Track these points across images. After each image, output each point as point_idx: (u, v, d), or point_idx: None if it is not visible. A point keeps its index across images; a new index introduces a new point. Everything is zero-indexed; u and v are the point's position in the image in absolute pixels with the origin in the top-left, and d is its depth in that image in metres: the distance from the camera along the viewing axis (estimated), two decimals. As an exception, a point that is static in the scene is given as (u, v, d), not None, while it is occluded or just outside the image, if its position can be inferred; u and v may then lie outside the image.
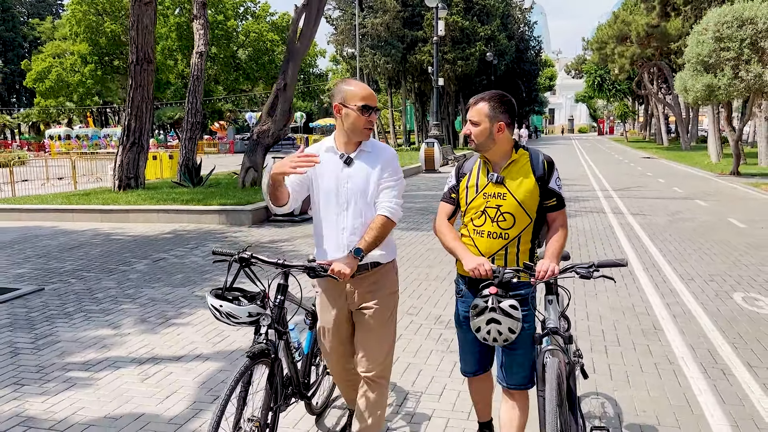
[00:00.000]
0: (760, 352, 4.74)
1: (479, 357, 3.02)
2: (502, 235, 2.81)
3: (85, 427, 3.66)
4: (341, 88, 2.90)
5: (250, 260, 2.86)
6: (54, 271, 7.70)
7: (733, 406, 3.86)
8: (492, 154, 2.85)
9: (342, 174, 2.91)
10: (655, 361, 4.61)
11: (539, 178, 2.83)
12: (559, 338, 2.76)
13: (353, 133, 2.89)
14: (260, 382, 2.82)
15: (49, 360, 4.72)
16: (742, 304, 5.98)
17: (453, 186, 3.00)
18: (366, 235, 2.83)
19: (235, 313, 2.75)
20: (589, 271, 2.70)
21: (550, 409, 2.50)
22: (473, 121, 2.81)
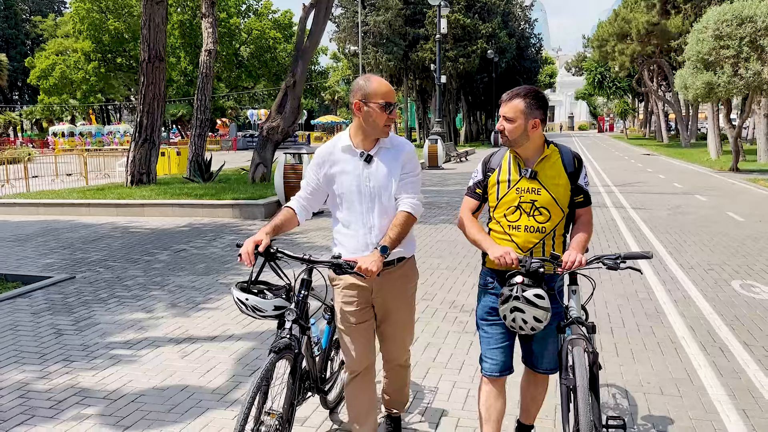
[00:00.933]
0: (756, 333, 5.07)
1: (507, 352, 2.93)
2: (540, 229, 2.81)
3: (136, 396, 4.00)
4: (361, 84, 2.86)
5: (276, 254, 2.85)
6: (81, 261, 8.03)
7: (730, 379, 4.20)
8: (524, 149, 2.83)
9: (363, 173, 2.89)
10: (657, 340, 4.94)
11: (570, 174, 2.84)
12: (583, 327, 2.78)
13: (374, 130, 2.87)
14: (282, 376, 2.87)
15: (92, 340, 5.06)
16: (740, 291, 6.32)
17: (479, 181, 2.97)
18: (390, 232, 2.81)
19: (261, 306, 2.77)
20: (616, 263, 2.71)
21: (583, 397, 2.49)
22: (508, 117, 2.78)
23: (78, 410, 3.81)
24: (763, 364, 4.43)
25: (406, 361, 3.22)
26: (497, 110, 18.93)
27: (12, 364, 4.56)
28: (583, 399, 2.49)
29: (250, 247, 2.75)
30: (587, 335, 2.76)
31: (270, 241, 2.82)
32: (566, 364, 2.74)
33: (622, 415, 3.62)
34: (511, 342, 2.94)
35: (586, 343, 2.70)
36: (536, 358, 2.96)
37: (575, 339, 2.71)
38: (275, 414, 2.72)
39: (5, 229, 10.75)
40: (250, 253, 2.73)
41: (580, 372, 2.57)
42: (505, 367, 2.94)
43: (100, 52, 49.39)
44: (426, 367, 4.46)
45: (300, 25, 15.65)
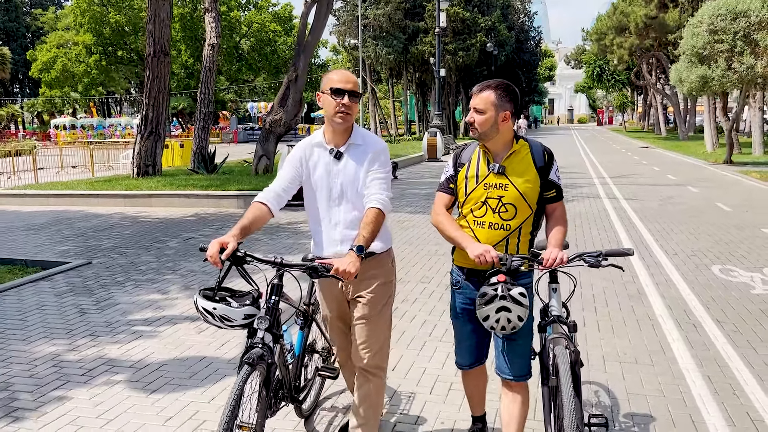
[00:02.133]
0: (729, 312, 5.48)
1: (476, 349, 2.98)
2: (504, 226, 2.77)
3: (159, 366, 4.40)
4: (323, 77, 2.90)
5: (245, 259, 2.69)
6: (95, 248, 8.42)
7: (700, 350, 4.60)
8: (494, 143, 2.80)
9: (333, 170, 2.88)
10: (637, 318, 5.35)
11: (540, 169, 2.79)
12: (564, 326, 2.76)
13: (328, 119, 2.84)
14: (252, 387, 2.72)
15: (113, 317, 5.46)
16: (718, 274, 6.73)
17: (451, 176, 2.92)
18: (363, 231, 2.73)
19: (231, 315, 2.60)
20: (598, 260, 2.69)
21: (567, 398, 2.46)
22: (478, 109, 2.74)
23: (108, 377, 4.22)
24: (731, 338, 4.84)
25: (373, 367, 2.95)
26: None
27: (42, 338, 4.97)
28: (567, 399, 2.46)
29: (215, 249, 2.59)
30: (569, 334, 2.74)
31: (237, 245, 2.64)
32: (548, 363, 2.73)
33: (604, 413, 3.64)
34: (480, 339, 2.96)
35: (567, 342, 2.67)
36: (507, 362, 2.88)
37: (557, 338, 2.69)
38: (248, 427, 2.62)
39: (19, 218, 11.14)
40: (216, 256, 2.57)
41: (563, 371, 2.53)
42: (475, 359, 3.01)
43: (101, 45, 49.63)
44: (422, 340, 4.86)
45: (302, 20, 15.99)
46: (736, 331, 4.98)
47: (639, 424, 3.52)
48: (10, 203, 13.11)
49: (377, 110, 47.60)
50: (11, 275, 6.99)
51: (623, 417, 3.60)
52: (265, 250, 7.99)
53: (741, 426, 3.48)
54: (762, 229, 9.29)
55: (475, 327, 2.87)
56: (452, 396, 3.86)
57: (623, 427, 3.49)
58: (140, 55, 52.40)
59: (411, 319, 5.34)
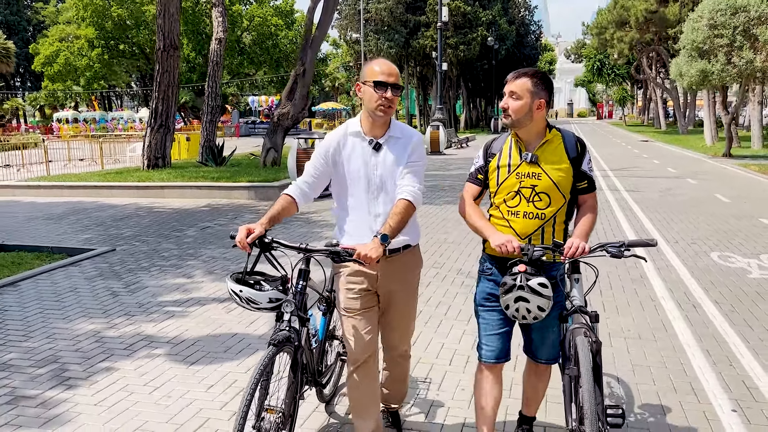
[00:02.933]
0: (727, 293, 5.80)
1: (504, 338, 2.90)
2: (539, 216, 2.76)
3: (194, 341, 4.71)
4: (364, 66, 2.86)
5: (271, 244, 2.77)
6: (116, 236, 8.73)
7: (699, 327, 4.92)
8: (526, 132, 2.78)
9: (371, 161, 2.86)
10: (639, 299, 5.66)
11: (572, 160, 2.78)
12: (586, 316, 2.74)
13: (370, 111, 2.82)
14: (282, 370, 2.81)
15: (145, 299, 5.77)
16: (717, 260, 7.04)
17: (481, 166, 2.93)
18: (390, 220, 2.74)
19: (256, 298, 2.67)
20: (620, 250, 2.67)
21: (587, 387, 2.46)
22: (514, 93, 2.72)
23: (148, 351, 4.53)
24: (728, 317, 5.15)
25: (406, 351, 3.20)
26: (497, 96, 19.80)
27: (81, 317, 5.28)
28: (587, 389, 2.46)
29: (243, 234, 2.68)
30: (590, 324, 2.73)
31: (264, 231, 2.74)
32: (569, 353, 2.72)
33: (618, 403, 3.65)
34: (510, 329, 2.90)
35: (588, 332, 2.67)
36: (536, 347, 2.94)
37: (578, 328, 2.69)
38: (275, 410, 2.69)
39: (36, 208, 11.44)
40: (243, 242, 2.67)
41: (583, 362, 2.53)
42: (502, 353, 2.90)
43: (103, 38, 49.79)
44: (438, 319, 5.18)
45: (308, 15, 16.24)
46: (733, 311, 5.30)
47: (644, 392, 3.83)
48: (25, 194, 13.40)
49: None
50: (39, 261, 7.29)
51: (629, 385, 3.92)
52: (281, 238, 8.30)
53: (737, 393, 3.80)
54: (760, 219, 9.60)
55: (505, 315, 2.82)
56: (470, 367, 4.17)
57: (629, 394, 3.80)
58: (142, 49, 52.55)
59: (426, 301, 5.65)
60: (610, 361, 4.26)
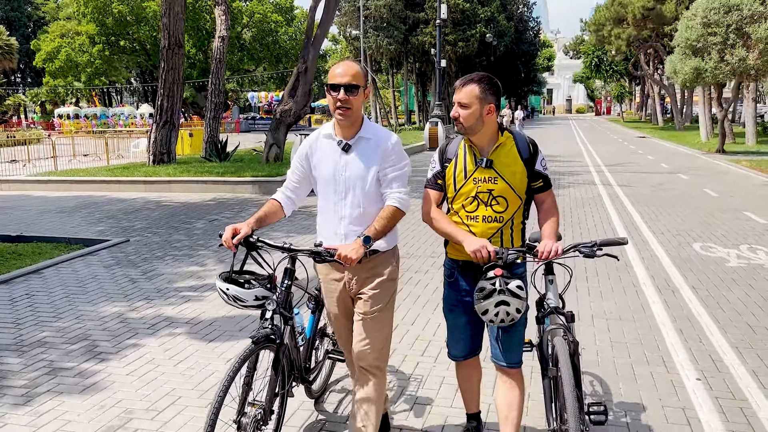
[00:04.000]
0: (704, 280, 6.22)
1: (470, 340, 2.99)
2: (497, 219, 2.81)
3: (211, 322, 5.13)
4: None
5: (257, 244, 2.84)
6: (128, 228, 9.14)
7: (675, 310, 5.34)
8: (479, 137, 2.82)
9: (340, 161, 2.86)
10: (623, 285, 6.08)
11: (526, 161, 2.82)
12: (562, 317, 2.77)
13: (333, 114, 2.83)
14: (266, 366, 2.87)
15: (162, 285, 6.19)
16: (699, 251, 7.47)
17: (438, 172, 2.94)
18: (375, 223, 2.77)
19: (242, 296, 2.75)
20: (593, 250, 2.72)
21: (569, 389, 2.48)
22: (462, 103, 2.76)
23: (169, 330, 4.95)
24: (703, 300, 5.58)
25: (373, 367, 2.91)
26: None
27: (104, 301, 5.70)
28: (568, 390, 2.49)
29: (228, 234, 2.75)
30: (566, 324, 2.76)
31: (251, 231, 2.80)
32: (547, 354, 2.75)
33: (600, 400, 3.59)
34: (474, 332, 2.98)
35: (565, 333, 2.70)
36: (502, 350, 2.92)
37: (555, 329, 2.72)
38: (257, 404, 2.76)
39: (48, 202, 11.84)
40: (228, 242, 2.74)
41: (563, 362, 2.56)
42: (470, 350, 3.01)
43: (104, 35, 50.08)
44: (436, 303, 5.60)
45: (310, 13, 16.62)
46: (708, 296, 5.72)
47: (620, 365, 4.25)
48: (35, 188, 13.80)
49: (378, 100, 48.18)
50: (58, 251, 7.70)
51: (607, 359, 4.34)
52: (287, 230, 8.72)
53: (703, 365, 4.22)
54: (744, 212, 10.03)
55: (470, 318, 2.89)
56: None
57: (607, 366, 4.23)
58: (143, 45, 52.84)
59: (425, 286, 6.07)
60: (592, 339, 4.69)
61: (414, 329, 4.95)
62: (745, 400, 3.70)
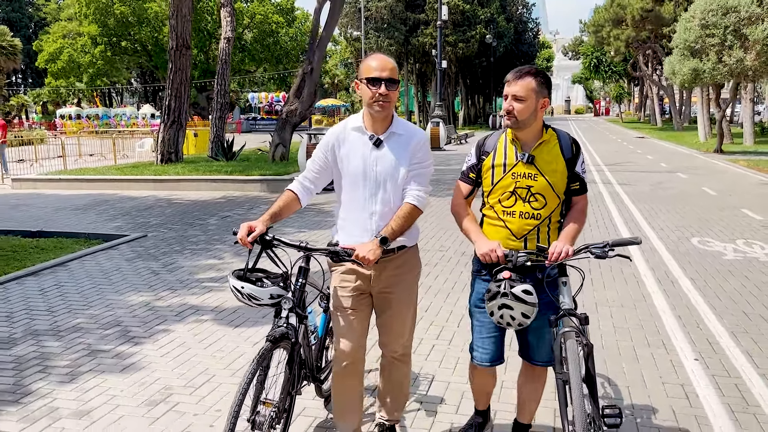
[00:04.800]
0: (701, 272, 6.51)
1: (498, 342, 2.93)
2: (535, 216, 2.76)
3: (234, 309, 5.41)
4: (361, 63, 2.84)
5: (273, 242, 2.81)
6: (144, 224, 9.41)
7: (674, 299, 5.63)
8: (527, 132, 2.76)
9: (371, 156, 2.82)
10: (624, 277, 6.37)
11: (568, 161, 2.77)
12: (576, 319, 2.72)
13: (367, 108, 2.81)
14: (279, 365, 2.86)
15: (183, 277, 6.46)
16: (697, 245, 7.76)
17: (473, 165, 2.90)
18: (392, 223, 2.76)
19: (257, 294, 2.74)
20: (604, 251, 2.66)
21: (578, 394, 2.48)
22: (519, 96, 2.67)
23: (196, 317, 5.23)
24: (701, 290, 5.87)
25: (403, 355, 3.06)
26: (495, 93, 20.35)
27: (130, 291, 5.97)
28: (577, 392, 2.48)
29: (244, 232, 2.74)
30: (580, 327, 2.71)
31: (266, 229, 2.78)
32: (560, 357, 2.72)
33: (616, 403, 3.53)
34: (504, 332, 2.93)
35: (579, 336, 2.66)
36: (533, 349, 2.92)
37: (568, 332, 2.67)
38: (271, 403, 2.75)
39: (61, 200, 12.11)
40: (244, 240, 2.74)
41: (573, 365, 2.55)
42: (496, 356, 2.94)
43: (106, 35, 50.36)
44: (446, 292, 5.88)
45: (315, 16, 16.91)
46: (705, 286, 6.02)
47: (623, 347, 4.53)
48: (46, 187, 14.06)
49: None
50: (78, 246, 7.98)
51: (611, 343, 4.62)
52: (298, 225, 9.00)
53: (701, 347, 4.51)
54: (741, 210, 10.32)
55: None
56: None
57: (611, 348, 4.51)
58: (144, 46, 53.09)
59: (435, 277, 6.37)
60: (594, 325, 4.97)
61: (426, 316, 5.22)
62: (740, 378, 3.99)
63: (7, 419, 3.52)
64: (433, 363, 4.29)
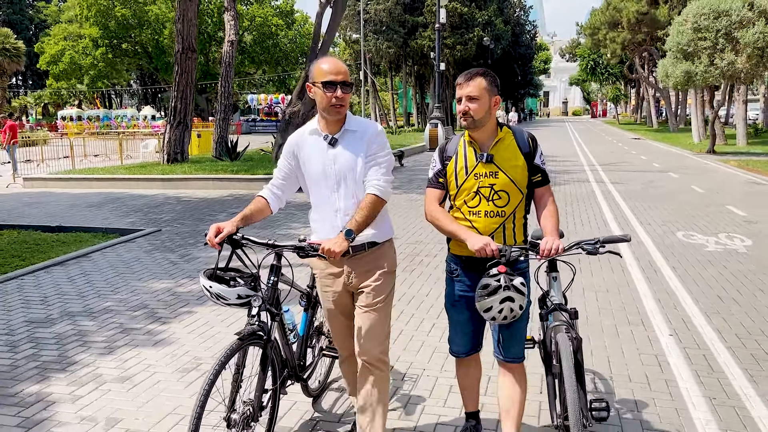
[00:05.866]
0: (683, 261, 6.99)
1: (472, 336, 3.01)
2: (499, 213, 2.83)
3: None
4: (312, 66, 2.87)
5: (242, 241, 2.86)
6: (157, 220, 9.87)
7: (655, 285, 6.11)
8: (482, 132, 2.86)
9: (328, 155, 2.87)
10: (611, 266, 6.84)
11: (526, 155, 2.86)
12: (565, 314, 2.80)
13: (323, 111, 2.84)
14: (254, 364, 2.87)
15: (200, 266, 6.91)
16: (681, 238, 8.24)
17: (439, 170, 2.97)
18: (356, 215, 2.78)
19: (225, 294, 2.77)
20: (596, 248, 2.73)
21: (570, 385, 2.53)
22: (473, 96, 2.78)
23: (216, 301, 5.68)
24: (681, 277, 6.35)
25: (377, 362, 2.93)
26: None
27: (152, 279, 6.43)
28: (570, 386, 2.54)
29: (213, 232, 2.81)
30: (570, 321, 2.80)
31: (236, 230, 2.84)
32: (551, 351, 2.79)
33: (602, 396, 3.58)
34: (477, 327, 3.00)
35: (569, 330, 2.74)
36: (504, 344, 2.96)
37: (558, 326, 2.76)
38: (248, 402, 2.80)
39: (73, 198, 12.56)
40: (213, 239, 2.79)
41: (565, 359, 2.61)
42: (472, 347, 3.04)
43: (107, 38, 50.82)
44: (437, 277, 6.34)
45: (317, 20, 17.41)
46: (686, 274, 6.49)
47: (606, 326, 5.00)
48: (56, 186, 14.50)
49: (377, 102, 49.02)
50: (97, 239, 8.43)
51: (594, 322, 5.09)
52: (304, 221, 9.46)
53: (676, 324, 4.98)
54: (726, 206, 10.81)
55: (473, 314, 2.91)
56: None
57: (594, 327, 4.98)
58: (144, 48, 53.55)
59: (435, 267, 6.83)
60: (581, 308, 5.44)
61: (417, 297, 5.69)
62: (708, 350, 4.46)
63: (58, 384, 3.98)
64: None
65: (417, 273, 6.62)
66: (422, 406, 3.71)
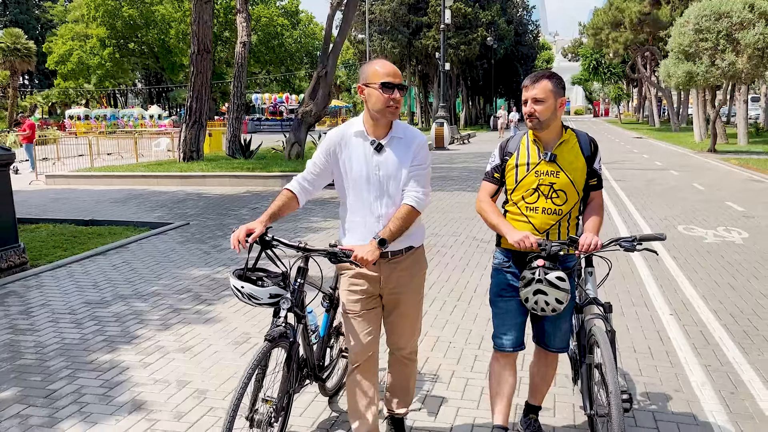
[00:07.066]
0: (683, 252, 7.48)
1: (520, 329, 3.05)
2: (557, 211, 2.90)
3: (283, 281, 6.37)
4: (364, 68, 2.86)
5: (272, 243, 2.87)
6: (182, 214, 10.37)
7: (657, 272, 6.60)
8: (548, 133, 2.93)
9: (372, 161, 2.86)
10: (615, 256, 7.27)
11: (587, 158, 2.94)
12: (600, 307, 2.91)
13: (377, 113, 2.82)
14: (277, 363, 2.92)
15: (233, 256, 7.42)
16: (681, 231, 8.73)
17: (497, 165, 3.04)
18: (390, 224, 2.79)
19: (257, 294, 2.79)
20: (633, 245, 2.82)
21: (611, 374, 2.63)
22: (538, 98, 2.85)
23: (253, 286, 6.18)
24: (681, 266, 6.84)
25: (411, 354, 3.16)
26: (496, 94, 21.46)
27: (190, 266, 6.93)
28: (611, 376, 2.62)
29: (241, 234, 2.78)
30: (604, 314, 2.91)
31: (264, 230, 2.83)
32: (585, 342, 2.91)
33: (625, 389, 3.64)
34: (524, 319, 3.06)
35: (603, 322, 2.85)
36: (549, 337, 3.07)
37: (594, 318, 2.88)
38: (271, 401, 2.81)
39: (97, 195, 13.07)
40: (241, 240, 2.77)
41: (605, 349, 2.70)
42: (518, 342, 3.06)
43: (114, 38, 51.41)
44: (462, 268, 6.84)
45: (328, 22, 17.91)
46: (686, 263, 6.99)
47: (614, 307, 5.49)
48: (78, 183, 15.02)
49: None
50: (129, 232, 8.93)
51: (601, 303, 5.59)
52: (323, 215, 9.95)
53: (676, 306, 5.48)
54: (726, 202, 11.29)
55: (519, 304, 2.98)
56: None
57: (601, 307, 5.47)
58: (151, 48, 54.14)
59: (452, 256, 7.33)
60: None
61: (446, 287, 6.19)
62: (705, 327, 4.96)
63: (126, 353, 4.48)
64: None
65: (435, 262, 7.10)
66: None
